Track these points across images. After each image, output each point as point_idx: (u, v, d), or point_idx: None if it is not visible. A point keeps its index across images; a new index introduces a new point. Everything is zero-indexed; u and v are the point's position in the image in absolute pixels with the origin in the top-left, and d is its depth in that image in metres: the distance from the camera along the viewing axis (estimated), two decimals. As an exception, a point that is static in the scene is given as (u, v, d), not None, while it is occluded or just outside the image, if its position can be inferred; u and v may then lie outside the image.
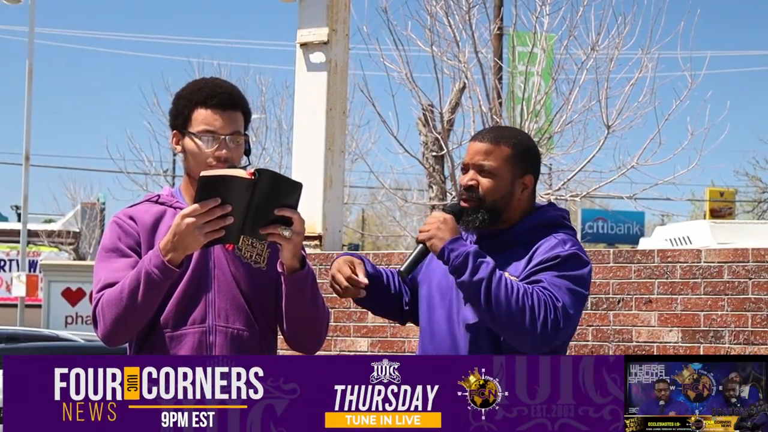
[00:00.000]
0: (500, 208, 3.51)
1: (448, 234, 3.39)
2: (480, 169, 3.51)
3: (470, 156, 3.54)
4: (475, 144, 3.55)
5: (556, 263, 3.41)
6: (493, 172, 3.50)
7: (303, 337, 3.48)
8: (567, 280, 3.39)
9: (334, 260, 3.60)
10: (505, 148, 3.52)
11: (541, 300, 3.30)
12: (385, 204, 28.03)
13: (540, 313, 3.28)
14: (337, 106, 8.31)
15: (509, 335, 3.34)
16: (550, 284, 3.36)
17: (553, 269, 3.40)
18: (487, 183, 3.50)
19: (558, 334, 3.32)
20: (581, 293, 3.42)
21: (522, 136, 3.66)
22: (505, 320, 3.29)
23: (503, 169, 3.51)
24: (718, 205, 33.57)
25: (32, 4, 23.21)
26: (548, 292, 3.33)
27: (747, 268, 6.28)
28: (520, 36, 13.75)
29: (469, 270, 3.31)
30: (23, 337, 12.83)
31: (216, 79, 3.60)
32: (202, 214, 3.17)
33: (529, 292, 3.30)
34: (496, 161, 3.51)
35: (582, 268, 3.45)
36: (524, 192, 3.56)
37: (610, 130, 12.33)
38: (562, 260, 3.42)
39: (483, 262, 3.32)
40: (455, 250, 3.35)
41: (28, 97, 22.92)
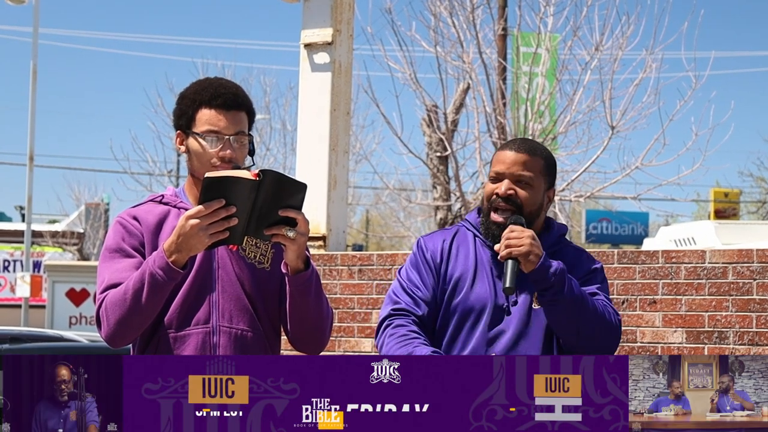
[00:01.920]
0: (533, 219, 3.56)
1: (540, 250, 3.39)
2: (518, 179, 3.52)
3: (507, 165, 3.54)
4: (511, 154, 3.55)
5: (594, 276, 3.57)
6: (531, 183, 3.53)
7: (307, 338, 3.48)
8: (605, 291, 3.56)
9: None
10: (540, 160, 3.57)
11: (611, 312, 3.47)
12: (389, 204, 28.06)
13: (615, 323, 3.47)
14: (341, 106, 8.30)
15: (593, 345, 3.42)
16: (603, 296, 3.52)
17: (594, 282, 3.55)
18: (524, 193, 3.52)
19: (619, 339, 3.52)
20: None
21: (548, 150, 3.71)
22: (596, 332, 3.42)
23: (539, 180, 3.55)
24: (722, 206, 33.55)
25: (36, 5, 23.23)
26: (609, 303, 3.52)
27: (751, 268, 6.27)
28: (524, 36, 13.75)
29: (567, 286, 3.37)
30: (27, 337, 12.84)
31: (220, 79, 3.58)
32: (206, 215, 3.16)
33: (606, 306, 3.48)
34: (533, 172, 3.54)
35: (606, 279, 3.65)
36: (548, 204, 3.63)
37: (614, 130, 12.34)
38: (597, 273, 3.59)
39: (572, 279, 3.41)
40: (551, 266, 3.38)
41: (32, 97, 22.95)
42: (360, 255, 7.42)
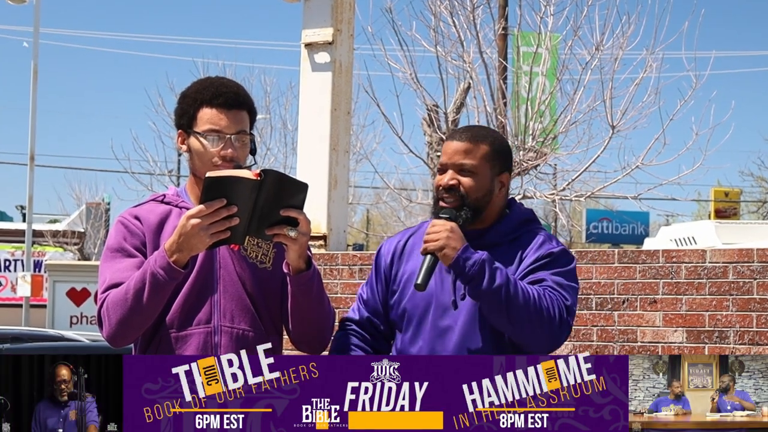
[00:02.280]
0: (482, 206, 3.50)
1: (458, 242, 3.33)
2: (460, 168, 3.49)
3: (448, 156, 3.52)
4: (453, 143, 3.53)
5: (550, 261, 3.44)
6: (474, 171, 3.49)
7: (308, 338, 3.48)
8: (563, 277, 3.42)
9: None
10: (484, 147, 3.52)
11: (554, 301, 3.32)
12: (389, 204, 28.05)
13: (555, 314, 3.31)
14: (341, 106, 8.30)
15: (527, 338, 3.34)
16: (554, 283, 3.38)
17: (549, 267, 3.42)
18: (468, 181, 3.48)
19: (569, 331, 3.37)
20: (576, 288, 3.47)
21: (497, 134, 3.67)
22: (525, 324, 3.29)
23: (483, 167, 3.50)
24: (722, 206, 33.54)
25: (37, 5, 23.23)
26: (557, 292, 3.35)
27: (752, 268, 6.27)
28: (524, 36, 13.74)
29: (486, 278, 3.28)
30: (28, 337, 12.83)
31: (221, 78, 3.58)
32: (207, 214, 3.16)
33: (542, 295, 3.32)
34: (475, 159, 3.50)
35: (572, 263, 3.49)
36: (501, 190, 3.56)
37: (614, 130, 12.32)
38: (555, 257, 3.45)
39: (497, 269, 3.31)
40: (470, 258, 3.31)
41: (33, 97, 22.94)
42: (360, 254, 7.42)
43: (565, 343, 6.64)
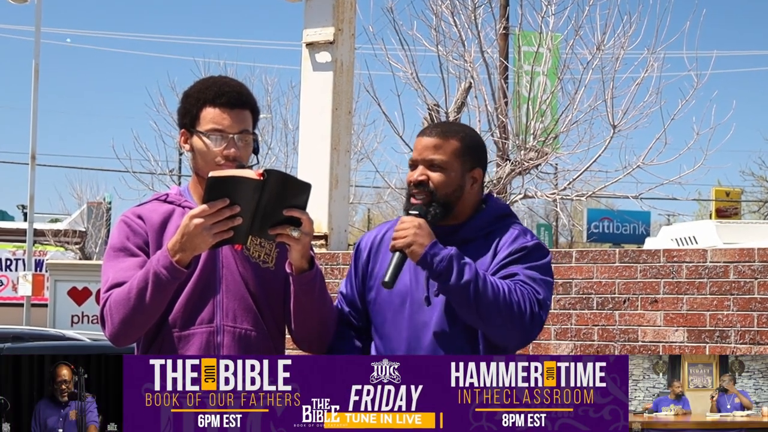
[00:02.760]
0: (452, 202, 3.49)
1: (426, 239, 3.33)
2: (430, 163, 3.49)
3: (419, 152, 3.52)
4: (423, 139, 3.53)
5: (523, 255, 3.43)
6: (443, 166, 3.48)
7: (311, 337, 3.48)
8: (537, 271, 3.41)
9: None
10: (454, 142, 3.51)
11: (525, 295, 3.31)
12: (390, 204, 27.98)
13: (526, 308, 3.29)
14: (342, 105, 8.31)
15: (497, 333, 3.33)
16: (526, 277, 3.37)
17: (522, 261, 3.41)
18: (437, 177, 3.48)
19: (541, 326, 3.36)
20: (551, 282, 3.45)
21: (469, 130, 3.66)
22: (495, 319, 3.28)
23: (453, 163, 3.50)
24: (723, 205, 33.53)
25: (38, 4, 23.21)
26: (528, 286, 3.34)
27: (753, 267, 6.27)
28: (525, 36, 13.74)
29: (455, 274, 3.27)
30: (29, 336, 12.82)
31: (224, 77, 3.58)
32: (210, 214, 3.16)
33: (513, 289, 3.31)
34: (445, 155, 3.49)
35: (546, 257, 3.48)
36: (474, 186, 3.55)
37: (615, 129, 12.32)
38: (529, 251, 3.44)
39: (466, 264, 3.30)
40: (437, 254, 3.30)
41: (34, 96, 22.92)
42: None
43: (566, 342, 6.65)
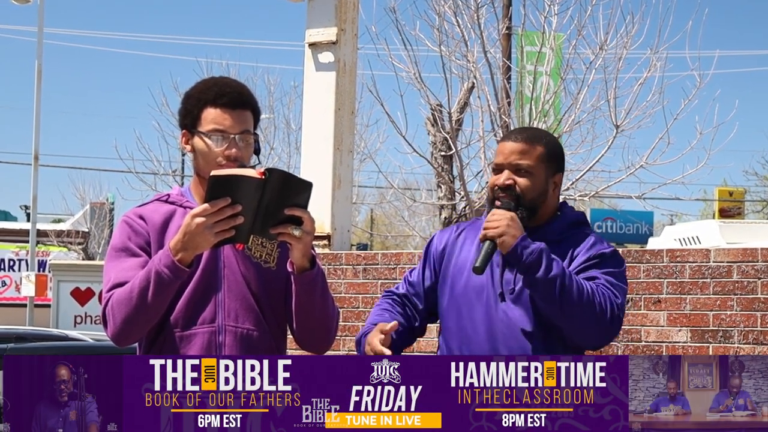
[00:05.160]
0: (537, 206, 3.57)
1: (518, 231, 3.42)
2: (516, 168, 3.56)
3: (505, 156, 3.59)
4: (510, 144, 3.60)
5: (601, 261, 3.51)
6: (530, 171, 3.56)
7: (313, 337, 3.48)
8: (614, 277, 3.49)
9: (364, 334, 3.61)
10: (539, 148, 3.59)
11: (606, 297, 3.39)
12: (393, 204, 27.98)
13: (607, 309, 3.37)
14: (345, 105, 8.31)
15: (578, 331, 3.40)
16: (606, 281, 3.45)
17: (600, 266, 3.50)
18: (524, 182, 3.55)
19: (619, 328, 3.45)
20: (625, 289, 3.54)
21: (551, 136, 3.75)
22: (577, 316, 3.36)
23: (539, 168, 3.58)
24: (727, 205, 33.50)
25: (41, 5, 23.24)
26: (609, 290, 3.42)
27: (756, 267, 6.27)
28: (528, 35, 13.74)
29: (543, 267, 3.35)
30: (32, 336, 12.83)
31: (225, 78, 3.59)
32: (212, 213, 3.16)
33: (597, 291, 3.39)
34: (532, 160, 3.57)
35: (622, 265, 3.57)
36: (555, 190, 3.65)
37: (618, 129, 12.33)
38: (607, 258, 3.52)
39: (554, 260, 3.38)
40: (528, 247, 3.38)
41: (37, 97, 22.95)
42: (364, 254, 7.42)
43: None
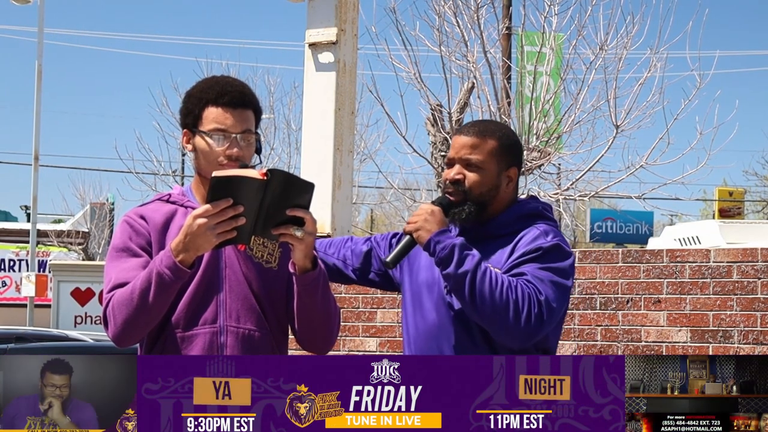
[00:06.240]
0: (487, 201, 3.52)
1: (435, 226, 3.39)
2: (466, 162, 3.52)
3: (456, 150, 3.55)
4: (461, 138, 3.56)
5: (538, 255, 3.41)
6: (480, 166, 3.51)
7: (314, 337, 3.48)
8: (550, 272, 3.38)
9: None
10: (491, 142, 3.54)
11: (525, 294, 3.29)
12: (393, 204, 27.99)
13: (524, 307, 3.27)
14: (345, 106, 8.31)
15: (493, 329, 3.33)
16: (533, 277, 3.35)
17: (536, 261, 3.40)
18: (473, 177, 3.51)
19: (542, 328, 3.32)
20: (564, 285, 3.41)
21: (506, 129, 3.67)
22: (489, 313, 3.28)
23: (489, 163, 3.52)
24: (727, 205, 33.51)
25: (41, 5, 23.23)
26: (532, 285, 3.32)
27: (756, 267, 6.27)
28: (528, 36, 13.75)
29: (454, 262, 3.31)
30: (32, 337, 12.82)
31: (226, 77, 3.57)
32: (213, 214, 3.16)
33: (513, 286, 3.29)
34: (482, 155, 3.52)
35: (565, 260, 3.44)
36: (509, 185, 3.58)
37: (618, 129, 12.35)
38: (545, 252, 3.41)
39: (468, 255, 3.32)
40: (441, 242, 3.35)
41: (38, 97, 22.94)
42: (365, 254, 7.41)
43: (569, 343, 6.65)
